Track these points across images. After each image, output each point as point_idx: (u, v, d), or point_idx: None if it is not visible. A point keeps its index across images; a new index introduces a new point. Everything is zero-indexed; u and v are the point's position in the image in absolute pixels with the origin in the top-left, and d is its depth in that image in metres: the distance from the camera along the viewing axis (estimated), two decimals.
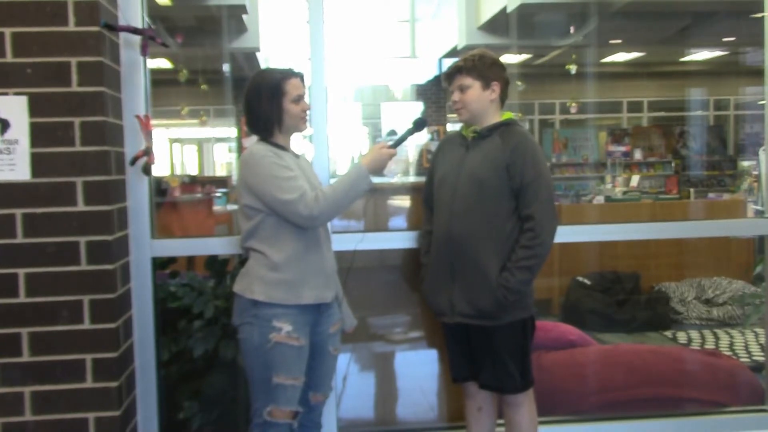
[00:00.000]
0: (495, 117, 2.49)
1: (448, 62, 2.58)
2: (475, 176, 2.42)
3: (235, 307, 2.31)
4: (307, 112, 2.36)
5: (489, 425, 2.65)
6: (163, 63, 8.75)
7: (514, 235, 2.40)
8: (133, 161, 2.50)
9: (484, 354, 2.48)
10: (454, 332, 2.56)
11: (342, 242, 2.81)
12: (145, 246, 2.67)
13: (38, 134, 2.30)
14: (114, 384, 2.40)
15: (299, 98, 2.30)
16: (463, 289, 2.43)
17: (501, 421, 2.65)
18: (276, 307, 2.22)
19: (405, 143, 2.58)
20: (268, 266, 2.24)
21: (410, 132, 2.49)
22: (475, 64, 2.44)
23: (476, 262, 2.40)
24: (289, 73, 2.30)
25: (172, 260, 3.04)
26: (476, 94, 2.45)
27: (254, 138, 2.34)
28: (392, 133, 2.56)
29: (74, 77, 2.31)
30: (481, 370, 2.52)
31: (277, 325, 2.20)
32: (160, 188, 5.32)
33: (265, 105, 2.27)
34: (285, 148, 2.32)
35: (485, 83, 2.45)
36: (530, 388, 2.52)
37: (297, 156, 2.39)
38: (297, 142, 2.44)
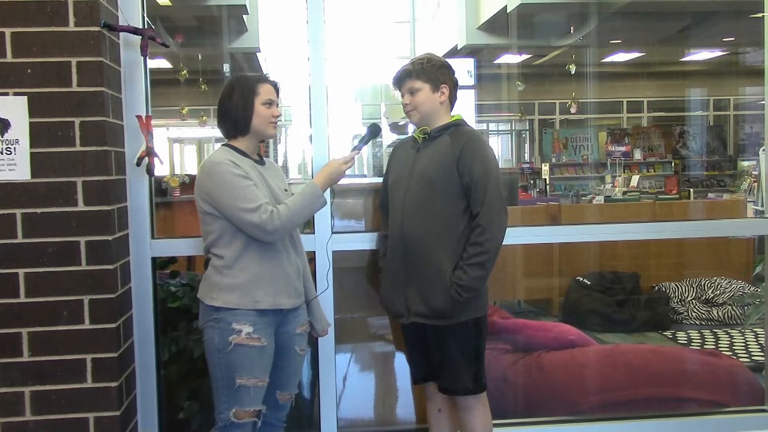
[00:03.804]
0: (445, 118, 2.51)
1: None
2: (426, 176, 2.43)
3: (200, 311, 2.32)
4: (277, 119, 2.34)
5: (449, 427, 2.67)
6: (163, 63, 8.74)
7: (467, 234, 2.40)
8: (139, 162, 2.50)
9: (438, 355, 2.49)
10: (411, 333, 2.57)
11: (343, 242, 2.82)
12: (145, 246, 2.67)
13: (38, 134, 2.31)
14: (114, 384, 2.40)
15: (270, 102, 2.30)
16: (417, 289, 2.44)
17: None
18: (235, 309, 2.22)
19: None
20: (222, 271, 2.24)
21: (367, 139, 2.51)
22: (424, 68, 2.47)
23: (429, 261, 2.40)
24: (263, 78, 2.31)
25: (172, 260, 3.05)
26: (426, 97, 2.47)
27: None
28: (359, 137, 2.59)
29: (74, 77, 2.31)
30: (437, 372, 2.52)
31: (237, 327, 2.20)
32: (160, 188, 5.31)
33: (236, 102, 2.28)
34: (247, 154, 2.31)
35: (434, 86, 2.47)
36: (483, 391, 2.51)
37: (261, 163, 2.36)
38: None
